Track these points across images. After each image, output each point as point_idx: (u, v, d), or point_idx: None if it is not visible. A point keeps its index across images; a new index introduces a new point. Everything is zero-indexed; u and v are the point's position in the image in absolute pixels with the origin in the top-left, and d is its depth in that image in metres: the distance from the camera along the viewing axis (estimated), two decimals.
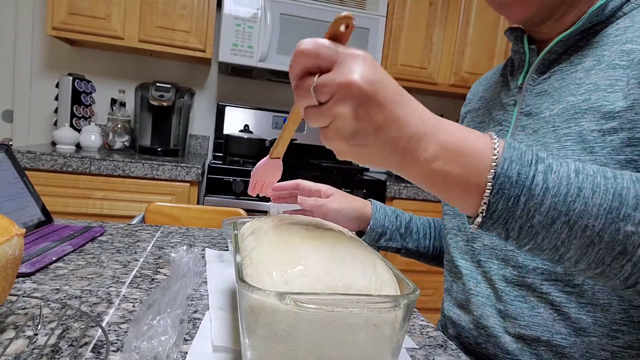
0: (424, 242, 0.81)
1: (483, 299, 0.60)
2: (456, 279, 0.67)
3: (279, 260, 0.37)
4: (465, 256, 0.65)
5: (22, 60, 2.11)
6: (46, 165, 1.61)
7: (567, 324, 0.52)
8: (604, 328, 0.50)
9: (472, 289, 0.62)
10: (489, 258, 0.60)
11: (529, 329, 0.55)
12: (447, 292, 0.70)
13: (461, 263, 0.65)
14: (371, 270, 0.38)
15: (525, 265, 0.55)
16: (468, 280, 0.63)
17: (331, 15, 2.01)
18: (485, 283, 0.61)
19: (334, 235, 0.43)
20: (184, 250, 0.61)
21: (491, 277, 0.59)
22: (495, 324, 0.58)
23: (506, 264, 0.57)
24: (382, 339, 0.35)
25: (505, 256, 0.58)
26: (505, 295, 0.57)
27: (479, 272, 0.62)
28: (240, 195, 1.84)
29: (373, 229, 0.76)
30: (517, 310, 0.56)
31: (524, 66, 0.64)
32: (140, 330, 0.39)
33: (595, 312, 0.51)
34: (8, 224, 0.43)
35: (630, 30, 0.52)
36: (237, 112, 2.29)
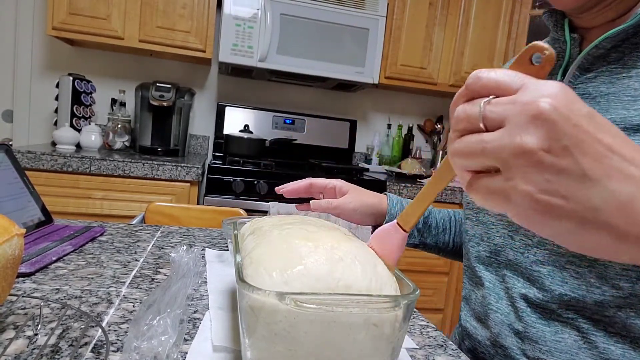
0: (443, 237, 0.78)
1: (502, 317, 0.56)
2: (476, 289, 0.63)
3: (279, 260, 0.37)
4: (489, 268, 0.60)
5: (22, 60, 2.11)
6: (46, 165, 1.61)
7: (594, 354, 0.48)
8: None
9: (491, 303, 0.58)
10: (514, 274, 0.56)
11: (550, 354, 0.51)
12: (465, 301, 0.66)
13: (483, 274, 0.61)
14: (371, 270, 0.38)
15: (552, 289, 0.50)
16: (489, 294, 0.59)
17: (331, 16, 2.01)
18: (506, 300, 0.56)
19: (334, 235, 0.43)
20: (184, 250, 0.61)
21: (513, 294, 0.55)
22: (513, 345, 0.55)
23: (531, 284, 0.53)
24: (382, 339, 0.35)
25: (531, 276, 0.53)
26: (526, 316, 0.53)
27: (502, 288, 0.57)
28: (240, 195, 1.84)
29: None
30: (538, 334, 0.52)
31: (564, 58, 0.56)
32: (140, 330, 0.39)
33: (624, 344, 0.47)
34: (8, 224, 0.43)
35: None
36: (237, 112, 2.29)
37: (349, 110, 2.54)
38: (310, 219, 0.51)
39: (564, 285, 0.50)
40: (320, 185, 0.71)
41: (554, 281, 0.51)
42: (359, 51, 2.07)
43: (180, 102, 2.03)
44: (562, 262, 0.50)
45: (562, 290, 0.50)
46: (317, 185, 0.71)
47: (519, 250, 0.55)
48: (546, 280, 0.51)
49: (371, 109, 2.58)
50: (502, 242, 0.58)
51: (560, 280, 0.50)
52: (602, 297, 0.47)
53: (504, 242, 0.58)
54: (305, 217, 0.51)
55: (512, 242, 0.56)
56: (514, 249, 0.56)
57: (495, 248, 0.59)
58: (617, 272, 0.46)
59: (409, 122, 2.59)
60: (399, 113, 2.60)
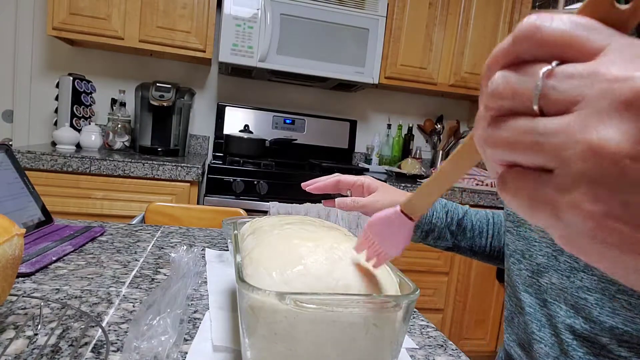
0: (479, 240, 0.73)
1: (547, 349, 0.52)
2: (518, 313, 0.58)
3: (278, 260, 0.37)
4: (529, 289, 0.55)
5: (23, 60, 2.11)
6: (46, 165, 1.61)
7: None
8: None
9: (535, 332, 0.54)
10: (557, 300, 0.51)
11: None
12: (507, 323, 0.61)
13: (524, 297, 0.56)
14: (371, 270, 0.38)
15: (601, 321, 0.45)
16: (531, 321, 0.54)
17: (331, 16, 2.01)
18: (549, 329, 0.52)
19: (334, 235, 0.43)
20: (184, 250, 0.61)
21: (557, 324, 0.50)
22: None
23: (577, 313, 0.48)
24: (382, 339, 0.35)
25: (577, 303, 0.48)
26: (572, 350, 0.48)
27: (544, 314, 0.53)
28: (240, 195, 1.84)
29: (418, 227, 0.70)
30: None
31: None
32: (140, 330, 0.39)
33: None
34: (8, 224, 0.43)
35: None
36: (237, 112, 2.29)
37: (349, 110, 2.54)
38: (310, 219, 0.51)
39: (614, 317, 0.45)
40: (348, 183, 0.68)
41: (602, 311, 0.45)
42: (359, 51, 2.07)
43: (180, 102, 2.03)
44: (612, 290, 0.45)
45: (613, 322, 0.45)
46: (344, 182, 0.68)
47: (565, 273, 0.50)
48: (594, 310, 0.46)
49: (371, 109, 2.58)
50: (545, 262, 0.53)
51: (609, 310, 0.45)
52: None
53: (547, 262, 0.53)
54: (305, 217, 0.51)
55: (557, 264, 0.51)
56: (558, 272, 0.51)
57: (537, 268, 0.54)
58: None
59: (409, 122, 2.59)
60: (399, 113, 2.60)
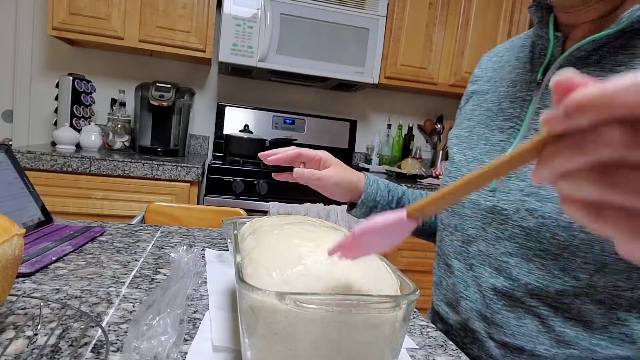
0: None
1: (471, 304, 0.61)
2: (446, 276, 0.67)
3: (278, 260, 0.37)
4: (459, 257, 0.64)
5: (22, 60, 2.11)
6: (46, 165, 1.61)
7: (551, 337, 0.54)
8: (585, 342, 0.52)
9: (461, 291, 0.63)
10: (482, 264, 0.60)
11: (513, 337, 0.56)
12: (436, 286, 0.70)
13: (454, 263, 0.65)
14: (371, 270, 0.38)
15: (519, 279, 0.55)
16: (459, 282, 0.63)
17: (331, 15, 2.01)
18: (474, 288, 0.61)
19: (333, 235, 0.43)
20: (184, 250, 0.61)
21: (481, 283, 0.59)
22: (481, 329, 0.60)
23: (498, 274, 0.57)
24: (382, 339, 0.35)
25: (499, 266, 0.57)
26: (493, 304, 0.58)
27: (470, 276, 0.62)
28: (240, 195, 1.84)
29: (364, 203, 0.74)
30: (503, 319, 0.57)
31: (546, 55, 0.58)
32: (140, 330, 0.39)
33: (578, 327, 0.52)
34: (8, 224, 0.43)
35: None
36: (237, 112, 2.29)
37: (349, 110, 2.54)
38: (310, 219, 0.51)
39: (529, 276, 0.54)
40: (308, 156, 0.71)
41: (520, 271, 0.55)
42: (359, 51, 2.07)
43: (180, 102, 2.03)
44: (529, 255, 0.54)
45: (528, 280, 0.54)
46: (305, 155, 0.71)
47: (491, 242, 0.59)
48: (513, 271, 0.55)
49: (371, 109, 2.58)
50: (475, 233, 0.61)
51: (526, 271, 0.54)
52: (562, 287, 0.52)
53: (477, 233, 0.61)
54: (305, 217, 0.51)
55: (485, 234, 0.60)
56: (486, 240, 0.59)
57: (468, 239, 0.63)
58: (578, 265, 0.51)
59: (409, 122, 2.59)
60: (399, 113, 2.60)
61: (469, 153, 0.66)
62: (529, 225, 0.54)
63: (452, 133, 0.75)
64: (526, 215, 0.54)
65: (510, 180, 0.57)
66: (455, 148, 0.71)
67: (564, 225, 0.51)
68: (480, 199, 0.61)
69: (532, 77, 0.60)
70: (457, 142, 0.71)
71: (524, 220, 0.54)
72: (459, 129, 0.73)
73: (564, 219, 0.51)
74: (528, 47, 0.64)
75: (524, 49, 0.65)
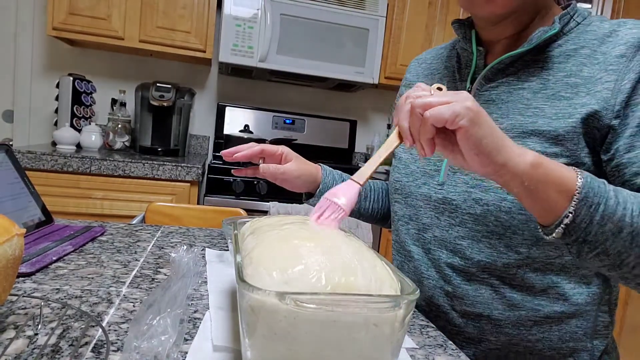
0: (364, 204, 0.89)
1: (433, 282, 0.68)
2: (407, 261, 0.74)
3: (279, 260, 0.37)
4: (417, 243, 0.71)
5: (23, 60, 2.11)
6: (46, 165, 1.62)
7: (503, 302, 0.63)
8: (529, 303, 0.62)
9: (423, 272, 0.70)
10: (439, 248, 0.68)
11: (472, 306, 0.65)
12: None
13: (412, 249, 0.72)
14: (371, 270, 0.38)
15: (472, 257, 0.64)
16: (420, 265, 0.70)
17: (331, 16, 2.02)
18: (434, 269, 0.68)
19: (333, 235, 0.43)
20: (184, 250, 0.61)
21: (440, 264, 0.67)
22: (444, 303, 0.67)
23: (454, 255, 0.66)
24: (382, 339, 0.35)
25: (454, 248, 0.66)
26: (453, 280, 0.66)
27: (429, 259, 0.69)
28: (241, 195, 1.84)
29: (321, 192, 0.81)
30: (463, 292, 0.65)
31: (471, 66, 0.68)
32: (140, 330, 0.39)
33: (522, 292, 0.62)
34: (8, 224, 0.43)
35: (572, 60, 0.60)
36: (237, 112, 2.29)
37: (349, 110, 2.54)
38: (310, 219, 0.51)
39: (480, 254, 0.63)
40: (271, 151, 0.76)
41: (473, 251, 0.64)
42: (359, 51, 2.07)
43: (180, 102, 2.03)
44: (478, 236, 0.63)
45: (480, 257, 0.63)
46: (268, 151, 0.76)
47: (444, 228, 0.67)
48: (467, 251, 0.64)
49: (371, 109, 2.58)
50: (429, 222, 0.69)
51: (477, 250, 0.63)
52: (508, 261, 0.61)
53: (431, 222, 0.69)
54: (305, 217, 0.52)
55: (439, 222, 0.68)
56: (440, 227, 0.68)
57: (423, 227, 0.70)
58: (518, 242, 0.60)
59: None
60: None
61: (415, 152, 0.74)
62: (476, 212, 0.63)
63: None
64: (473, 204, 0.63)
65: (455, 175, 0.66)
66: (401, 147, 0.78)
67: (505, 210, 0.60)
68: (431, 192, 0.69)
69: (462, 85, 0.70)
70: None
71: (471, 208, 0.63)
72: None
73: (505, 205, 0.60)
74: (454, 58, 0.73)
75: (451, 59, 0.74)
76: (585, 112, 0.56)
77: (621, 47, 0.56)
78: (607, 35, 0.58)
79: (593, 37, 0.60)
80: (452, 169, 0.67)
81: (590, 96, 0.56)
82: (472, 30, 0.68)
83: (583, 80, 0.58)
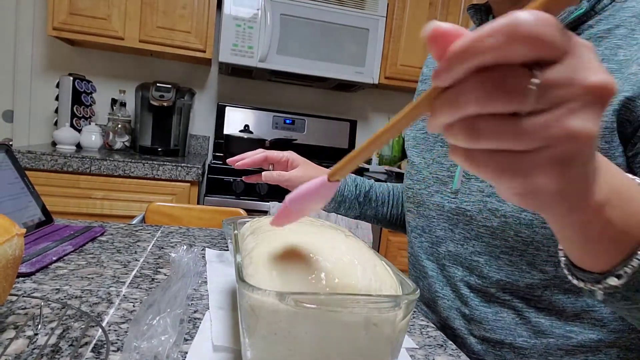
0: (382, 209, 0.85)
1: (449, 302, 0.62)
2: (422, 277, 0.68)
3: (279, 260, 0.37)
4: (431, 257, 0.66)
5: (23, 60, 2.11)
6: (46, 165, 1.62)
7: (528, 328, 0.56)
8: (560, 329, 0.54)
9: (438, 291, 0.64)
10: (454, 264, 0.62)
11: (493, 332, 0.58)
12: None
13: (426, 264, 0.67)
14: (371, 270, 0.38)
15: (490, 276, 0.57)
16: (434, 282, 0.65)
17: (331, 16, 2.01)
18: (449, 287, 0.63)
19: (334, 235, 0.43)
20: (184, 250, 0.61)
21: (455, 282, 0.61)
22: (460, 326, 0.61)
23: (471, 272, 0.59)
24: (382, 339, 0.35)
25: (470, 265, 0.59)
26: (470, 301, 0.60)
27: (444, 276, 0.63)
28: (241, 195, 1.84)
29: (333, 198, 0.78)
30: (481, 315, 0.58)
31: None
32: (140, 330, 0.39)
33: (551, 316, 0.55)
34: (8, 224, 0.43)
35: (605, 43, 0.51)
36: (237, 112, 2.29)
37: (349, 110, 2.54)
38: (310, 219, 0.51)
39: (499, 272, 0.56)
40: (275, 158, 0.75)
41: (491, 269, 0.57)
42: (359, 51, 2.07)
43: (181, 102, 2.03)
44: (496, 252, 0.56)
45: (499, 276, 0.56)
46: (272, 157, 0.75)
47: (459, 242, 0.61)
48: (484, 269, 0.58)
49: (371, 109, 2.58)
50: (443, 234, 0.64)
51: (496, 268, 0.56)
52: (531, 280, 0.54)
53: (445, 234, 0.63)
54: (305, 217, 0.51)
55: (453, 235, 0.62)
56: (454, 241, 0.62)
57: (436, 240, 0.65)
58: (543, 259, 0.53)
59: None
60: None
61: (428, 156, 0.69)
62: (492, 224, 0.56)
63: (408, 134, 0.76)
64: (489, 215, 0.56)
65: (470, 182, 0.60)
66: (414, 150, 0.73)
67: (526, 223, 0.53)
68: (444, 202, 0.63)
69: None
70: (415, 144, 0.74)
71: (487, 220, 0.57)
72: (415, 130, 0.75)
73: (525, 217, 0.53)
74: None
75: None
76: (618, 102, 0.47)
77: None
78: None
79: (631, 14, 0.50)
80: (466, 174, 0.60)
81: (623, 81, 0.47)
82: (490, 15, 0.61)
83: (618, 65, 0.48)
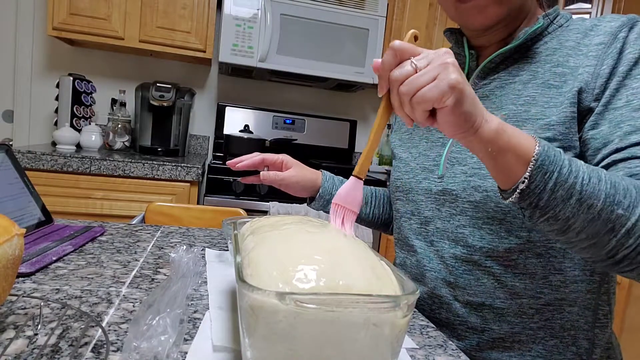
0: (364, 209, 0.92)
1: (436, 274, 0.70)
2: (410, 255, 0.75)
3: (278, 260, 0.37)
4: (420, 237, 0.73)
5: (23, 60, 2.11)
6: (46, 165, 1.62)
7: (505, 291, 0.64)
8: (531, 291, 0.63)
9: (425, 265, 0.71)
10: (441, 239, 0.69)
11: (475, 296, 0.66)
12: (400, 267, 0.79)
13: (415, 243, 0.73)
14: (371, 270, 0.38)
15: (473, 245, 0.65)
16: (422, 258, 0.72)
17: (331, 16, 2.02)
18: (437, 260, 0.70)
19: (334, 236, 0.43)
20: (183, 250, 0.61)
21: (443, 255, 0.69)
22: (447, 294, 0.69)
23: (456, 244, 0.67)
24: (382, 339, 0.35)
25: (456, 237, 0.67)
26: (455, 270, 0.67)
27: (432, 251, 0.71)
28: (240, 195, 1.84)
29: (321, 197, 0.86)
30: (465, 282, 0.66)
31: (464, 69, 0.72)
32: (140, 330, 0.39)
33: (524, 280, 0.63)
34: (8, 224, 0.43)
35: (559, 53, 0.64)
36: (237, 112, 2.29)
37: (349, 110, 2.54)
38: (310, 219, 0.51)
39: (482, 241, 0.64)
40: (271, 160, 0.82)
41: (474, 239, 0.65)
42: (359, 51, 2.07)
43: (180, 102, 2.03)
44: (479, 223, 0.65)
45: (481, 244, 0.64)
46: (268, 159, 0.82)
47: (446, 219, 0.69)
48: (469, 239, 0.66)
49: (371, 109, 2.58)
50: (431, 214, 0.71)
51: (479, 237, 0.65)
52: (509, 245, 0.63)
53: (432, 214, 0.71)
54: (305, 217, 0.51)
55: (440, 213, 0.70)
56: (441, 219, 0.69)
57: (425, 220, 0.72)
58: (518, 226, 0.62)
59: None
60: None
61: (414, 151, 0.77)
62: (475, 199, 0.65)
63: (394, 137, 0.85)
64: (472, 192, 0.65)
65: (453, 167, 0.68)
66: (401, 149, 0.81)
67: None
68: (432, 186, 0.71)
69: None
70: (401, 143, 0.82)
71: (471, 196, 0.65)
72: (400, 133, 0.83)
73: None
74: None
75: None
76: (572, 95, 0.59)
77: (601, 36, 0.61)
78: (590, 29, 0.63)
79: (577, 32, 0.64)
80: (450, 161, 0.69)
81: (574, 80, 0.60)
82: (464, 37, 0.72)
83: (570, 69, 0.61)
